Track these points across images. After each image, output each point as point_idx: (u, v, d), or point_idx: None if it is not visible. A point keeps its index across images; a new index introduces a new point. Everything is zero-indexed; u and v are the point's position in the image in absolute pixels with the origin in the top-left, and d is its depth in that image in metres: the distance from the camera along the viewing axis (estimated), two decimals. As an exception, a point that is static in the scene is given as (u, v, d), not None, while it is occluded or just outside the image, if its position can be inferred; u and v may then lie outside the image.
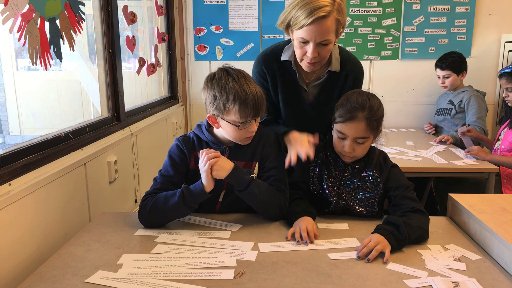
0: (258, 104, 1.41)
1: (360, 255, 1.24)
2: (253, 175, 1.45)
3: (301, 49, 1.52)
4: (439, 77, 3.15)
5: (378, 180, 1.49)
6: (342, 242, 1.35)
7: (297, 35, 1.49)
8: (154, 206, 1.44)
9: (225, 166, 1.40)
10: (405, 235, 1.28)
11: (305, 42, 1.49)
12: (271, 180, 1.51)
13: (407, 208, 1.40)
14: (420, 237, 1.34)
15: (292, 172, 1.60)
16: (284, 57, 1.68)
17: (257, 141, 1.55)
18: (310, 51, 1.49)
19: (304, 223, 1.38)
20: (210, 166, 1.39)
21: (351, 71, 1.69)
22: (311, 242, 1.34)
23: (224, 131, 1.47)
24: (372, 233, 1.31)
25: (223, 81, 1.40)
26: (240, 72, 1.44)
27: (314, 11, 1.41)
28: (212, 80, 1.43)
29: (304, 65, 1.57)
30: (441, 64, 3.12)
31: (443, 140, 2.88)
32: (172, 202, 1.42)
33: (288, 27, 1.54)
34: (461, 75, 3.10)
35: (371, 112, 1.40)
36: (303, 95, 1.73)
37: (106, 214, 1.63)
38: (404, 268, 1.18)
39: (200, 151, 1.43)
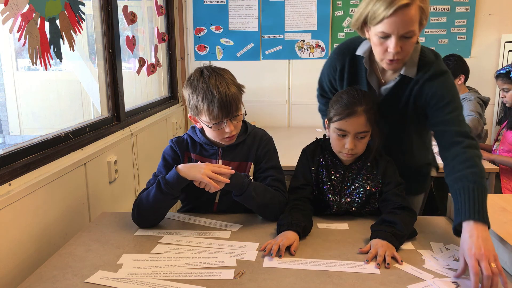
0: (228, 105, 1.37)
1: (377, 264, 1.19)
2: (250, 178, 1.44)
3: (381, 46, 1.33)
4: None
5: (378, 176, 1.50)
6: (359, 265, 1.21)
7: (376, 30, 1.31)
8: (140, 204, 1.43)
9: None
10: (404, 232, 1.29)
11: (385, 37, 1.31)
12: (269, 180, 1.51)
13: (395, 205, 1.42)
14: (412, 233, 1.36)
15: (294, 176, 1.59)
16: (359, 51, 1.49)
17: (252, 141, 1.54)
18: (393, 45, 1.30)
19: (283, 237, 1.29)
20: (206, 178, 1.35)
21: (429, 82, 1.40)
22: (279, 256, 1.24)
23: (205, 131, 1.48)
24: (371, 237, 1.30)
25: (195, 82, 1.41)
26: (215, 71, 1.42)
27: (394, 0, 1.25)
28: (188, 80, 1.44)
29: (385, 64, 1.39)
30: None
31: None
32: (153, 194, 1.40)
33: (364, 25, 1.37)
34: (458, 78, 2.92)
35: (369, 105, 1.41)
36: None
37: (106, 214, 1.63)
38: (404, 268, 1.18)
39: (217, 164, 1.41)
